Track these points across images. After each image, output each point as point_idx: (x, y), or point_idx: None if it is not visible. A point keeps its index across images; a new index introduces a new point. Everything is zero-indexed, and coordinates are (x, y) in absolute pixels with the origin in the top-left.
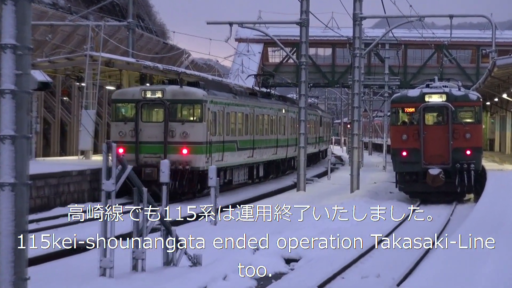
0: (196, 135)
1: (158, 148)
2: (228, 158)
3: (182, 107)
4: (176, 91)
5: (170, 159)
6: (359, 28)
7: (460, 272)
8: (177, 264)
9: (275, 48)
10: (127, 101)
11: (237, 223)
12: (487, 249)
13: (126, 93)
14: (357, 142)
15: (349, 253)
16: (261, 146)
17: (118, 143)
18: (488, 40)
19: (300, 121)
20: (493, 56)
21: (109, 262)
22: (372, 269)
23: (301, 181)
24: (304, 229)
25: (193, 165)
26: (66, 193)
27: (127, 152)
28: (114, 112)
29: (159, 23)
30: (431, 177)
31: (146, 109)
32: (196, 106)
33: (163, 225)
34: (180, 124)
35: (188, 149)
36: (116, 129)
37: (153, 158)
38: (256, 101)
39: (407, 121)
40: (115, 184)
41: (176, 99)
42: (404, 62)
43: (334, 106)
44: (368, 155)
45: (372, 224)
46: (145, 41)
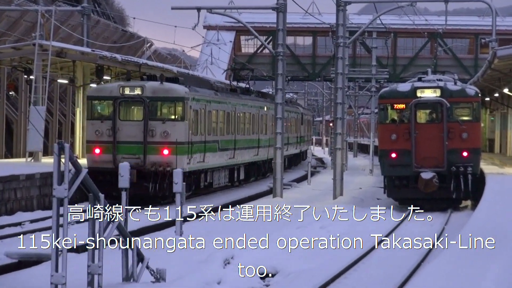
0: (177, 134)
1: (137, 148)
2: (209, 159)
3: (163, 104)
4: (157, 87)
5: (150, 160)
6: (343, 14)
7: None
8: (137, 280)
9: (249, 37)
10: (104, 98)
11: (207, 232)
12: (487, 265)
13: (103, 89)
14: (340, 143)
15: (331, 267)
16: (242, 146)
17: (94, 143)
18: (487, 28)
19: (276, 119)
20: (493, 45)
21: (61, 277)
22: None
23: (278, 186)
24: (284, 238)
25: (174, 167)
26: (12, 200)
27: (104, 153)
28: (89, 109)
29: (117, 8)
30: (424, 181)
31: (124, 107)
32: (178, 104)
33: (122, 235)
34: (161, 123)
35: (169, 149)
36: (92, 128)
37: (132, 159)
38: (238, 99)
39: (396, 119)
40: (68, 190)
41: (157, 96)
42: (394, 52)
43: (315, 102)
44: (353, 157)
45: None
46: (102, 29)
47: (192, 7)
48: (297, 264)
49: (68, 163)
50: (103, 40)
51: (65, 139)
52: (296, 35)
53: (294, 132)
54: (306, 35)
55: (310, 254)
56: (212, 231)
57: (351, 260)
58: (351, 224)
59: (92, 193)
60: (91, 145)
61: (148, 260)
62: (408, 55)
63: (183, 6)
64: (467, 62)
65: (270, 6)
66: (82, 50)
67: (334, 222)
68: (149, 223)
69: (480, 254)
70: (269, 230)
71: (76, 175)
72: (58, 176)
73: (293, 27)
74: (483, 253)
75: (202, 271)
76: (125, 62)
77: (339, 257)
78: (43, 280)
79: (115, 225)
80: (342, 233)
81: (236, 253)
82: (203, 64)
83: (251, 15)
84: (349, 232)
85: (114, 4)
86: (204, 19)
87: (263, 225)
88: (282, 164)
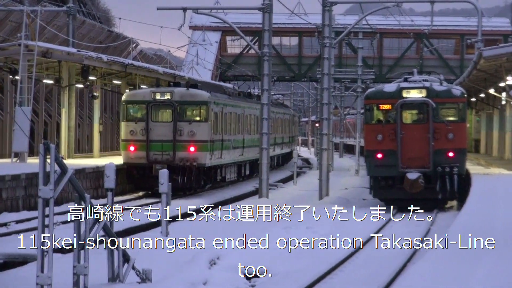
0: (202, 134)
1: (167, 146)
2: (225, 156)
3: (189, 107)
4: (184, 93)
5: (179, 156)
6: (329, 15)
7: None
8: (123, 280)
9: (235, 37)
10: (138, 102)
11: (194, 232)
12: (474, 265)
13: (136, 94)
14: (326, 143)
15: (317, 268)
16: (249, 145)
17: (130, 142)
18: (473, 29)
19: (262, 119)
20: (479, 46)
21: (46, 278)
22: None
23: (264, 187)
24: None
25: (199, 162)
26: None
27: (138, 150)
28: (125, 112)
29: (103, 9)
30: (409, 182)
31: (156, 110)
32: (202, 107)
33: (108, 235)
34: (188, 124)
35: (195, 147)
36: (127, 128)
37: (163, 156)
38: (245, 102)
39: (382, 120)
40: (54, 191)
41: (184, 101)
42: (380, 53)
43: (301, 102)
44: (339, 157)
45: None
46: (88, 29)
47: (178, 7)
48: (283, 264)
49: (53, 164)
50: (88, 41)
51: (51, 139)
52: (282, 36)
53: (288, 133)
54: (292, 35)
55: (296, 255)
56: (198, 231)
57: (338, 261)
58: (337, 224)
59: (78, 193)
60: (127, 143)
61: (134, 261)
62: (394, 56)
63: (169, 7)
64: (453, 63)
65: (256, 6)
66: (67, 51)
67: (320, 223)
68: (147, 222)
69: (467, 254)
70: (255, 230)
71: (62, 176)
72: (44, 176)
73: (279, 28)
74: (469, 253)
75: (188, 272)
76: (111, 62)
77: (325, 257)
78: (28, 281)
79: (101, 226)
80: (328, 233)
81: (222, 254)
82: (189, 64)
83: (237, 15)
84: (335, 232)
85: (100, 5)
86: (190, 20)
87: (249, 225)
88: (268, 164)
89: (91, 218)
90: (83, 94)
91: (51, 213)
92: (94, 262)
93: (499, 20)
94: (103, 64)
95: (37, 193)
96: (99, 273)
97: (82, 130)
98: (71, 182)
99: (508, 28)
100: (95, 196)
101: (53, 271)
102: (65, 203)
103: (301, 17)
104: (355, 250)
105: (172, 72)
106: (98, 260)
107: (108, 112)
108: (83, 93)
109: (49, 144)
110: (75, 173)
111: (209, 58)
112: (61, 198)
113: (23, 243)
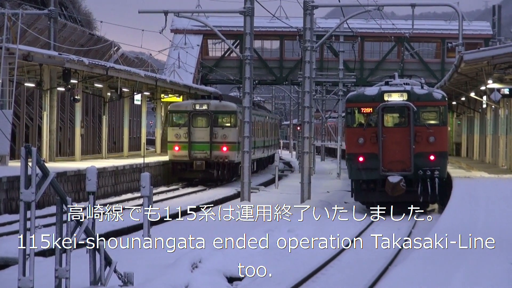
0: (232, 136)
1: (205, 146)
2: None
3: (221, 116)
4: (218, 104)
5: (214, 154)
6: (310, 18)
7: None
8: (105, 284)
9: (216, 41)
10: (181, 112)
11: (176, 234)
12: (454, 267)
13: (180, 105)
14: (308, 146)
15: (299, 271)
16: (257, 146)
17: (175, 143)
18: (454, 32)
19: (243, 123)
20: (460, 50)
21: (28, 281)
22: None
23: (245, 190)
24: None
25: (230, 159)
26: None
27: (181, 150)
28: (170, 119)
29: (84, 12)
30: (391, 185)
31: (196, 118)
32: (232, 115)
33: (89, 238)
34: (221, 129)
35: (227, 147)
36: (172, 132)
37: (202, 154)
38: (254, 110)
39: (363, 123)
40: (35, 194)
41: (218, 110)
42: (361, 56)
43: (282, 105)
44: (321, 160)
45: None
46: (69, 32)
47: (159, 10)
48: (265, 267)
49: (35, 167)
50: (70, 44)
51: (32, 142)
52: (264, 39)
53: (274, 135)
54: (273, 39)
55: (278, 257)
56: (179, 233)
57: (320, 263)
58: (319, 227)
59: (60, 196)
60: (172, 144)
61: (116, 264)
62: (375, 59)
63: (151, 10)
64: (434, 66)
65: (238, 10)
66: (49, 54)
67: (302, 225)
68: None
69: (448, 255)
70: (237, 233)
71: (44, 179)
72: (25, 179)
73: (260, 31)
74: (451, 254)
75: (170, 275)
76: (92, 65)
77: (307, 260)
78: (10, 284)
79: (83, 228)
80: (310, 236)
81: (204, 257)
82: (170, 67)
83: (219, 19)
84: (317, 235)
85: (81, 8)
86: (171, 23)
87: (231, 227)
88: (250, 167)
89: (72, 221)
90: (65, 97)
91: (32, 216)
92: (77, 266)
93: (480, 24)
94: (85, 67)
95: (18, 196)
96: (81, 277)
97: (63, 134)
98: (52, 185)
99: (489, 32)
100: (76, 199)
101: (34, 274)
102: (47, 206)
103: (283, 20)
104: (337, 253)
105: (153, 76)
106: (81, 263)
107: (89, 115)
108: (65, 96)
109: (31, 147)
110: (56, 176)
111: (191, 61)
112: (42, 201)
113: (5, 246)
